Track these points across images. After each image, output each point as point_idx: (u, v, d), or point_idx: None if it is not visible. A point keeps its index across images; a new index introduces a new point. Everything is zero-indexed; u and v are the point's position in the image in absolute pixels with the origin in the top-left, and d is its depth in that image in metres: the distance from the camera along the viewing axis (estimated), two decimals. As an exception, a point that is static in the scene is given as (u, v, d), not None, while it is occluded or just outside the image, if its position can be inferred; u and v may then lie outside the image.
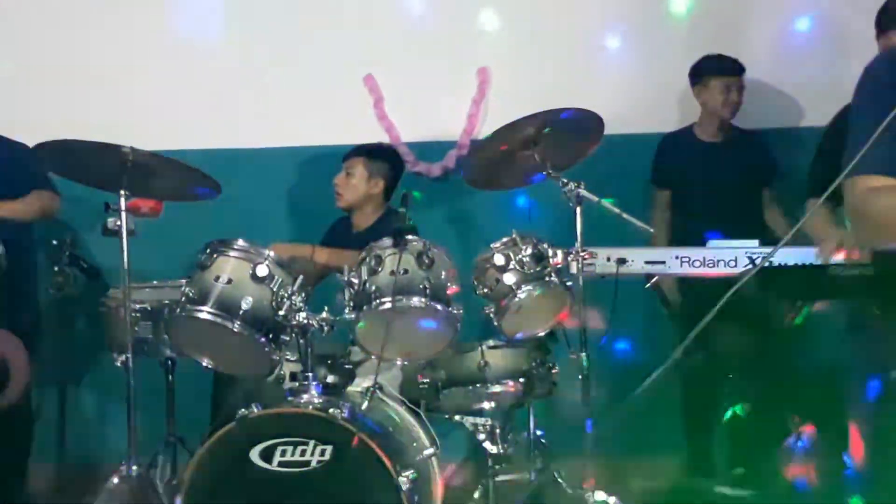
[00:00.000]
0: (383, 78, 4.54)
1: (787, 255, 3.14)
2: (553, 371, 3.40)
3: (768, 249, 3.35)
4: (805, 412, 3.68)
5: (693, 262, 3.37)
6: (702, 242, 3.44)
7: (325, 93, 4.52)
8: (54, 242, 3.39)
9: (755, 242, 3.38)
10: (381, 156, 4.03)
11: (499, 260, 3.21)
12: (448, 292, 3.09)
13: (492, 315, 3.22)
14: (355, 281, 3.08)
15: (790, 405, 3.65)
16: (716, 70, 4.13)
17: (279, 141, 4.55)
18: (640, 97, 4.41)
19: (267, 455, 2.86)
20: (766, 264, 3.02)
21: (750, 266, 3.29)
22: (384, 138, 4.47)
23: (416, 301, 3.01)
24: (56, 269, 3.26)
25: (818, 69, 4.34)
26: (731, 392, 3.58)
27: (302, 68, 4.54)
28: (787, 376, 3.75)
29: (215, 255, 3.03)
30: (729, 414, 3.70)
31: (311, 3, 4.58)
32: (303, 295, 3.05)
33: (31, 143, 3.18)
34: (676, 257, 3.40)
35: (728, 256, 3.35)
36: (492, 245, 3.26)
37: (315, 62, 4.53)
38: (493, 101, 4.50)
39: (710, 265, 3.37)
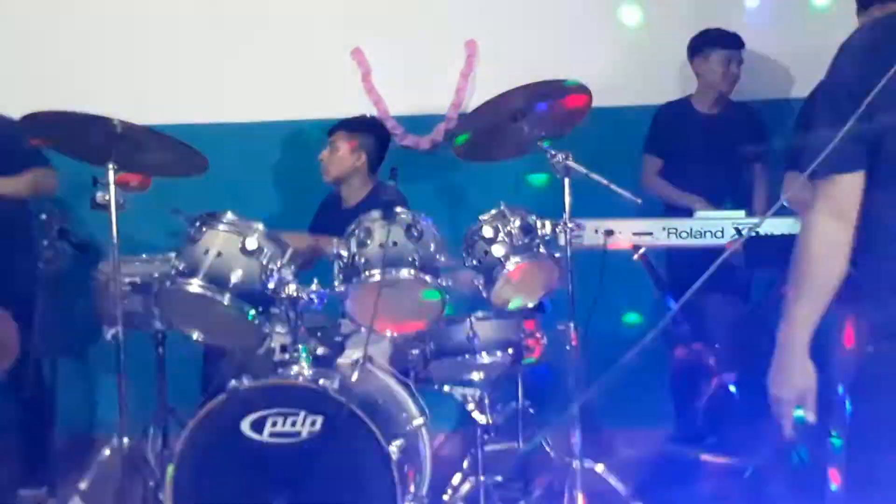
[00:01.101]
0: (371, 51, 4.53)
1: (773, 226, 3.18)
2: (541, 342, 3.42)
3: (754, 220, 3.38)
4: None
5: (680, 233, 3.40)
6: (691, 213, 3.46)
7: (313, 66, 4.51)
8: (43, 217, 3.38)
9: (741, 213, 3.41)
10: (363, 128, 4.03)
11: (487, 232, 3.22)
12: (437, 264, 3.11)
13: (480, 287, 3.24)
14: (344, 253, 3.10)
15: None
16: (717, 43, 4.14)
17: (268, 115, 4.54)
18: (630, 69, 4.41)
19: (258, 426, 2.89)
20: (754, 234, 3.05)
21: (736, 237, 3.32)
22: (373, 112, 4.46)
23: (405, 273, 3.03)
24: (45, 243, 3.26)
25: (813, 39, 4.33)
26: (717, 361, 3.62)
27: (290, 41, 4.52)
28: (773, 346, 3.78)
29: (204, 229, 3.04)
30: (715, 383, 3.73)
31: (299, -26, 4.56)
32: (292, 268, 3.07)
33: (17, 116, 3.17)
34: (663, 228, 3.42)
35: (715, 227, 3.38)
36: (480, 217, 3.28)
37: (303, 35, 4.52)
38: (482, 74, 4.50)
39: (697, 236, 3.40)
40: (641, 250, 3.49)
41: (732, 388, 3.66)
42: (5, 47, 4.50)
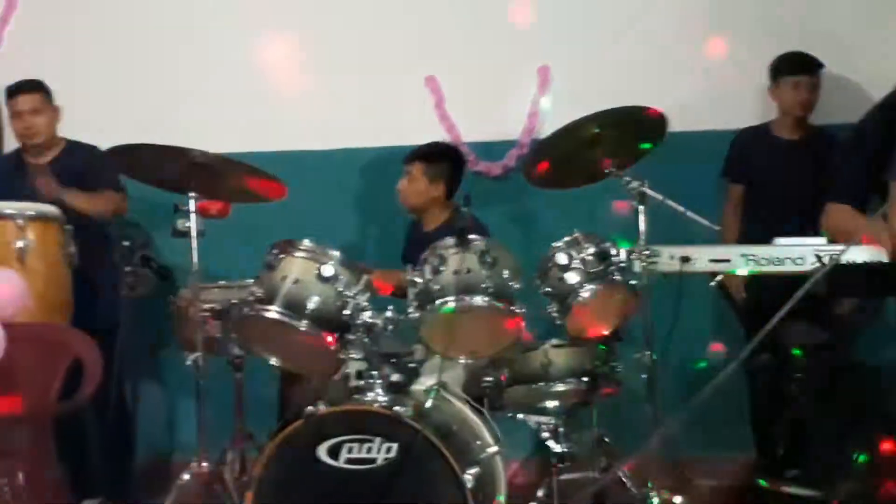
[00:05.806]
0: (444, 78, 4.57)
1: (856, 253, 3.10)
2: (617, 370, 3.39)
3: (837, 248, 3.30)
4: (874, 412, 3.61)
5: (759, 260, 3.33)
6: (770, 240, 3.40)
7: (388, 94, 4.56)
8: (126, 244, 3.47)
9: (823, 240, 3.33)
10: (439, 157, 4.05)
11: (561, 259, 3.21)
12: (511, 291, 3.10)
13: (555, 314, 3.23)
14: (419, 280, 3.11)
15: (858, 404, 3.59)
16: (784, 69, 4.12)
17: (344, 143, 4.60)
18: (704, 94, 4.37)
19: (334, 452, 2.91)
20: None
21: (818, 264, 3.24)
22: (446, 139, 4.49)
23: (478, 300, 3.03)
24: (128, 269, 3.34)
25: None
26: (798, 391, 3.54)
27: (364, 70, 4.58)
28: (855, 375, 3.69)
29: (282, 256, 3.09)
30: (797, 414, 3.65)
31: (373, 5, 4.62)
32: (367, 294, 3.09)
33: (103, 146, 3.26)
34: (742, 255, 3.36)
35: (795, 254, 3.30)
36: (554, 244, 3.27)
37: (377, 64, 4.58)
38: (555, 100, 4.50)
39: (777, 263, 3.33)
40: (719, 277, 3.43)
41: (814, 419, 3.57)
42: (92, 82, 4.64)
